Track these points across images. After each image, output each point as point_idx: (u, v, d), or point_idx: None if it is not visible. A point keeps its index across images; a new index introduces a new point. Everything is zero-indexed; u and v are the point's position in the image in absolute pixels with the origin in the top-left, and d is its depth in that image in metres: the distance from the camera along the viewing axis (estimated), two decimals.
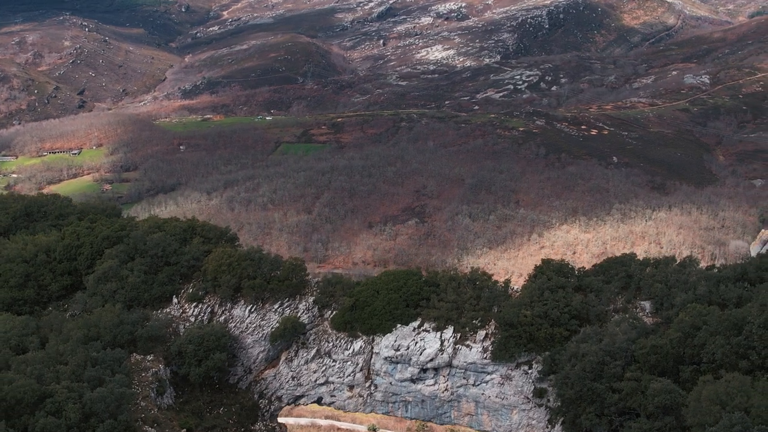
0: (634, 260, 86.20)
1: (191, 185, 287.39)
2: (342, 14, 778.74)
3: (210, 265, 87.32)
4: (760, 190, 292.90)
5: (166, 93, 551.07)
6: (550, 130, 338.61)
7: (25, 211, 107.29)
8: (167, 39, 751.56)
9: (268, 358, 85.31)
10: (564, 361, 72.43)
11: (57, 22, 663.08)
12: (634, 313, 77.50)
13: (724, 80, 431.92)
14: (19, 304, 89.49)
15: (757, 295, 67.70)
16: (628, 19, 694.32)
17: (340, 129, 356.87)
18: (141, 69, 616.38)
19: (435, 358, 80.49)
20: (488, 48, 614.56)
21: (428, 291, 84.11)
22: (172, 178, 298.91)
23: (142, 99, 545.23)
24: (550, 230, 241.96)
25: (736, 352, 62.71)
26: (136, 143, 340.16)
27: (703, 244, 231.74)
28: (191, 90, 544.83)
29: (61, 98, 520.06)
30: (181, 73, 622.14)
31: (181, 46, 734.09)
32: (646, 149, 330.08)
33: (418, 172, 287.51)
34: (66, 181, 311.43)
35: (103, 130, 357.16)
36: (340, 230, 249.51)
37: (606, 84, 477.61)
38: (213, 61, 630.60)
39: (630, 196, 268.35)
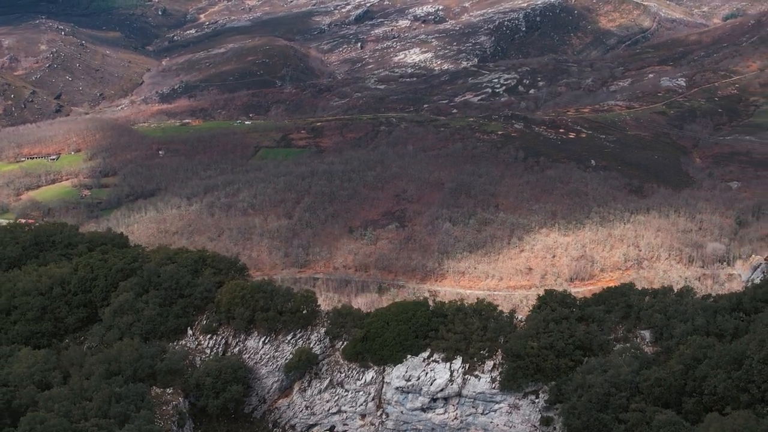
0: (633, 290, 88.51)
1: (171, 190, 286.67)
2: (319, 17, 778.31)
3: (223, 297, 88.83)
4: (736, 192, 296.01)
5: (144, 97, 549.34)
6: (528, 134, 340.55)
7: (35, 240, 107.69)
8: (144, 42, 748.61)
9: (281, 388, 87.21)
10: (570, 391, 74.65)
11: (33, 26, 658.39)
12: (636, 343, 79.80)
13: (700, 83, 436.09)
14: (37, 337, 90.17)
15: (754, 327, 70.12)
16: (604, 22, 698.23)
17: (320, 133, 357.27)
18: (118, 73, 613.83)
19: (445, 388, 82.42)
20: (466, 51, 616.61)
21: (436, 322, 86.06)
22: (152, 183, 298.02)
23: (120, 103, 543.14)
24: (529, 234, 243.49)
25: (737, 386, 64.99)
26: (115, 148, 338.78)
27: (681, 247, 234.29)
28: (169, 94, 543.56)
29: (38, 103, 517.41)
30: (159, 76, 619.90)
31: (158, 49, 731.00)
32: (624, 152, 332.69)
33: (398, 176, 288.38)
34: (45, 186, 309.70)
35: (82, 135, 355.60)
36: (320, 235, 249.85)
37: (583, 87, 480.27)
38: (190, 65, 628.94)
39: (608, 199, 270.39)
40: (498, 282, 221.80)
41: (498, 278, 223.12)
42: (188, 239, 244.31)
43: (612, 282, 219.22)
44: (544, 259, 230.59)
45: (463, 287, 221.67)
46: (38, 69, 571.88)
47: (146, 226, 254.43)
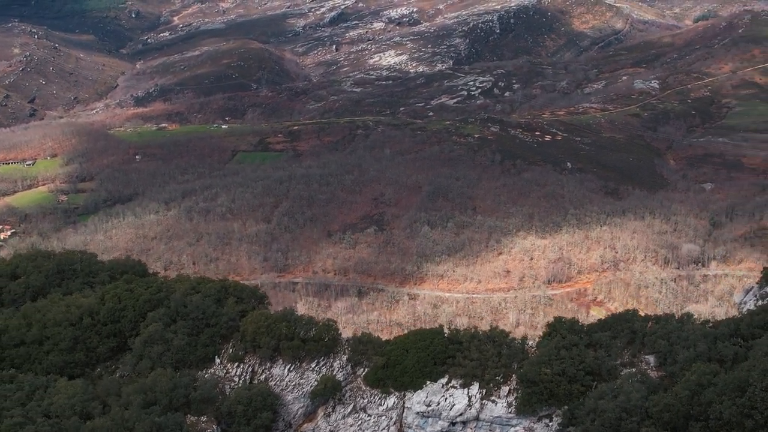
0: (636, 316, 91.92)
1: (149, 195, 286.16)
2: (294, 19, 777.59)
3: (249, 327, 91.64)
4: (710, 193, 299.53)
5: (119, 100, 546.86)
6: (504, 137, 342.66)
7: (57, 269, 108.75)
8: (117, 45, 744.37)
9: (306, 413, 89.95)
10: (583, 415, 77.88)
11: (5, 30, 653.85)
12: (641, 368, 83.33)
13: (673, 85, 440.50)
14: (71, 367, 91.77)
15: (753, 354, 74.29)
16: (577, 24, 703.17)
17: (297, 137, 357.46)
18: (92, 76, 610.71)
19: (464, 413, 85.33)
20: (440, 53, 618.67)
21: (453, 349, 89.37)
22: (129, 188, 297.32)
23: (94, 107, 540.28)
24: (507, 236, 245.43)
25: (741, 412, 68.33)
26: (92, 153, 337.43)
27: (657, 248, 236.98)
28: (144, 97, 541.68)
29: (12, 107, 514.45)
30: (133, 80, 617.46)
31: (132, 52, 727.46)
32: (599, 154, 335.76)
33: (376, 179, 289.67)
34: (21, 192, 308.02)
35: (58, 140, 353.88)
36: (299, 239, 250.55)
37: (558, 89, 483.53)
38: (165, 68, 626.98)
39: (585, 201, 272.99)
40: (477, 285, 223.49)
41: (477, 281, 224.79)
42: (167, 244, 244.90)
43: (589, 284, 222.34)
44: (522, 262, 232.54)
45: (442, 290, 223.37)
46: (11, 73, 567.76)
47: (125, 231, 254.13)
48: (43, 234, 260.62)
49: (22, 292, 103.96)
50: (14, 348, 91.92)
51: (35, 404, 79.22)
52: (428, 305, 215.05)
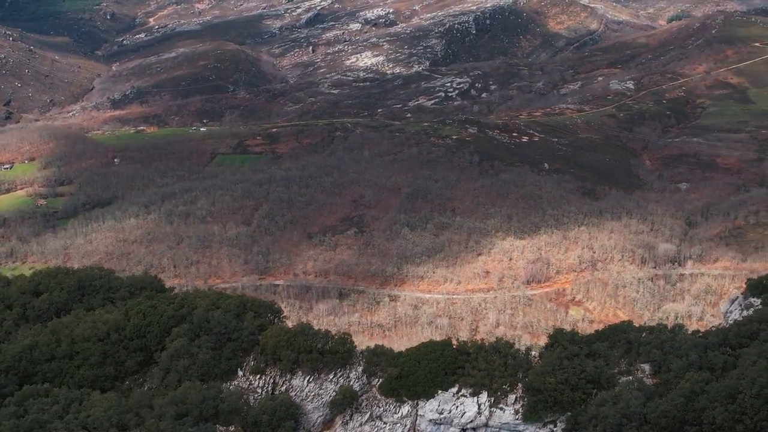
0: (632, 327, 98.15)
1: (128, 199, 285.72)
2: (270, 21, 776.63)
3: (269, 341, 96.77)
4: (685, 193, 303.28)
5: (95, 103, 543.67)
6: (482, 138, 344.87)
7: (78, 285, 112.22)
8: (93, 47, 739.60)
9: (324, 422, 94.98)
10: (586, 421, 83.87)
11: None
12: (637, 376, 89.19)
13: (648, 86, 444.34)
14: (101, 381, 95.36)
15: (741, 362, 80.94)
16: (552, 24, 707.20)
17: (276, 139, 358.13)
18: (68, 78, 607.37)
19: (474, 420, 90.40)
20: (417, 54, 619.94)
21: (462, 360, 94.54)
22: (108, 191, 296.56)
23: (71, 109, 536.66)
24: (486, 237, 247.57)
25: (732, 417, 74.62)
26: (70, 157, 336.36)
27: (634, 248, 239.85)
28: (120, 99, 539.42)
29: None
30: (109, 82, 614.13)
31: (107, 54, 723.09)
32: (576, 155, 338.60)
33: (355, 181, 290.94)
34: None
35: (35, 143, 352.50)
36: (279, 242, 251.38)
37: (534, 90, 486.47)
38: (141, 70, 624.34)
39: (562, 202, 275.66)
40: (457, 286, 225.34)
41: (456, 282, 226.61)
42: (147, 248, 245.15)
43: (567, 284, 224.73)
44: (501, 262, 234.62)
45: (422, 291, 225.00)
46: None
47: (105, 235, 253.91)
48: (22, 238, 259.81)
49: (46, 308, 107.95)
50: (45, 363, 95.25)
51: (72, 417, 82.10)
52: (409, 306, 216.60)
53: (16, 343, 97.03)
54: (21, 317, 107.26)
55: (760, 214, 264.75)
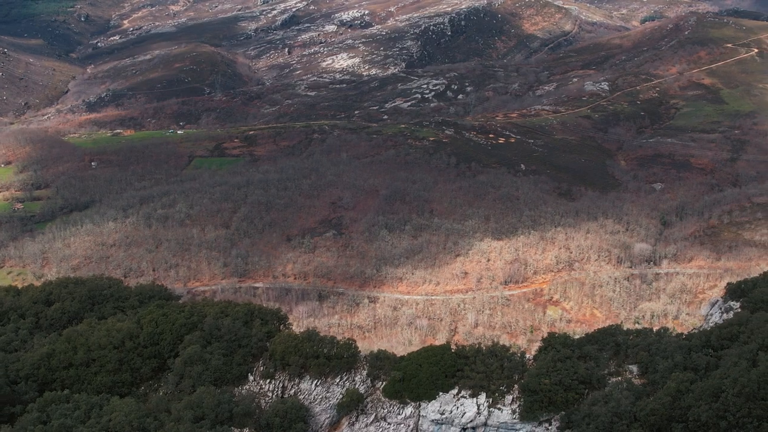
0: (620, 330, 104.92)
1: (106, 202, 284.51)
2: (245, 23, 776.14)
3: (278, 347, 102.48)
4: (660, 193, 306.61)
5: (70, 106, 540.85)
6: (459, 140, 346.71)
7: (89, 295, 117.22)
8: (67, 50, 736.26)
9: (331, 423, 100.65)
10: (579, 420, 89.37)
11: None
12: (626, 377, 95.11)
13: (623, 87, 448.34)
14: (119, 386, 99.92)
15: (723, 363, 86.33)
16: (527, 26, 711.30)
17: (253, 142, 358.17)
18: (43, 81, 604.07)
19: (474, 420, 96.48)
20: (393, 56, 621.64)
21: (461, 363, 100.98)
22: (86, 195, 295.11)
23: (46, 112, 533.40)
24: (464, 238, 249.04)
25: (716, 415, 79.73)
26: (47, 160, 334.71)
27: (610, 248, 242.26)
28: (96, 102, 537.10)
29: None
30: (84, 84, 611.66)
31: (82, 56, 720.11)
32: (552, 156, 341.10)
33: (333, 184, 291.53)
34: None
35: (11, 147, 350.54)
36: (258, 244, 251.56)
37: (510, 92, 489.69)
38: (116, 72, 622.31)
39: (539, 203, 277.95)
40: (435, 287, 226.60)
41: (435, 283, 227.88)
42: (126, 251, 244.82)
43: (545, 284, 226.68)
44: (479, 263, 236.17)
45: (401, 293, 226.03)
46: None
47: (83, 239, 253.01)
48: None
49: (59, 317, 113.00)
50: (63, 370, 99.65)
51: (94, 421, 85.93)
52: (388, 308, 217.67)
53: (34, 352, 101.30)
54: (35, 326, 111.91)
55: (733, 214, 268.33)
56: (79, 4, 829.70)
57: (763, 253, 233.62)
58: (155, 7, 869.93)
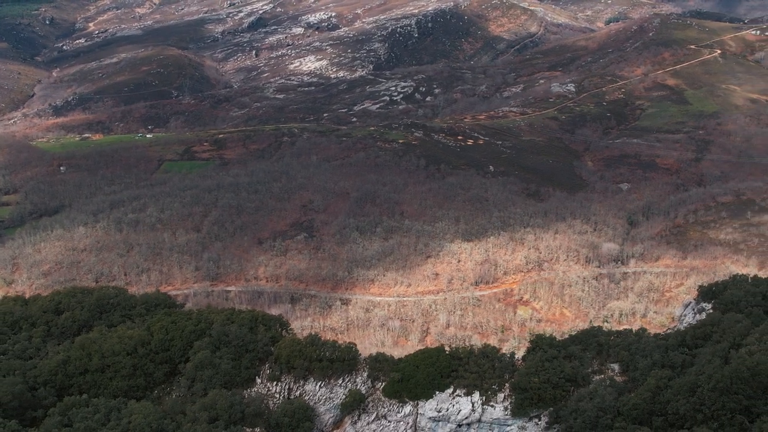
0: (601, 331, 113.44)
1: (76, 207, 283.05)
2: (212, 25, 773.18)
3: (283, 351, 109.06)
4: (626, 193, 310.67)
5: (37, 110, 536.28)
6: (428, 142, 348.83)
7: (97, 304, 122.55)
8: (32, 53, 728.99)
9: (335, 422, 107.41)
10: (567, 415, 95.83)
11: None
12: (609, 375, 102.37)
13: (589, 88, 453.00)
14: (134, 391, 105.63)
15: (699, 361, 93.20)
16: (493, 27, 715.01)
17: (223, 145, 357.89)
18: (8, 85, 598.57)
19: (469, 417, 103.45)
20: (361, 58, 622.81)
21: (455, 364, 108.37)
22: (55, 200, 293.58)
23: (12, 116, 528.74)
24: (434, 240, 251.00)
25: (693, 408, 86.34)
26: (15, 165, 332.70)
27: (578, 248, 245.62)
28: (63, 106, 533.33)
29: None
30: (50, 88, 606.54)
31: (47, 60, 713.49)
32: (520, 157, 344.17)
33: (304, 186, 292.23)
34: None
35: None
36: (230, 248, 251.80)
37: (478, 93, 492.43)
38: (83, 76, 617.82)
39: (508, 204, 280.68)
40: (407, 288, 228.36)
41: (407, 284, 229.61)
42: (97, 256, 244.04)
43: (515, 284, 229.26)
44: (450, 264, 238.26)
45: (373, 294, 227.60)
46: None
47: (53, 244, 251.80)
48: None
49: (70, 325, 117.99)
50: (80, 376, 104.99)
51: (115, 423, 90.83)
52: (360, 309, 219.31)
53: (50, 359, 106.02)
54: (47, 334, 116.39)
55: (698, 213, 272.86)
56: (43, 7, 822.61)
57: (729, 252, 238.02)
58: (121, 9, 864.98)
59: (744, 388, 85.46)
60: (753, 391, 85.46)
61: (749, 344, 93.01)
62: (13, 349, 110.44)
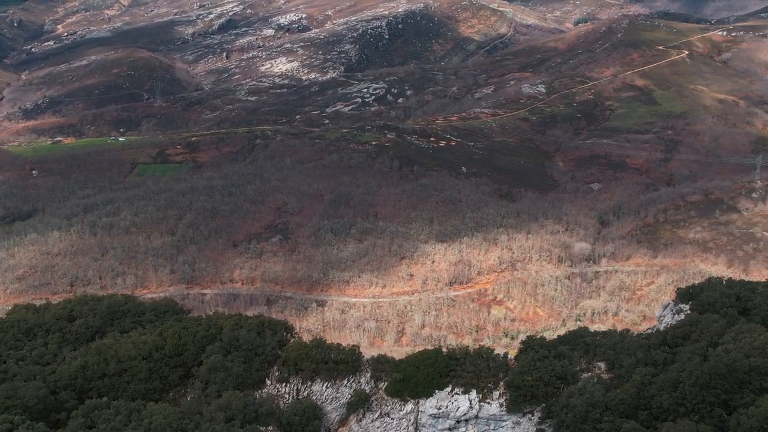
0: (588, 332, 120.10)
1: (49, 211, 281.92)
2: (182, 27, 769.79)
3: (291, 354, 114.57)
4: (597, 193, 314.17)
5: (7, 113, 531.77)
6: (401, 143, 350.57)
7: (108, 311, 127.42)
8: (0, 56, 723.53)
9: (341, 420, 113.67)
10: (558, 410, 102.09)
11: None
12: (596, 373, 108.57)
13: (559, 89, 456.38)
14: (151, 393, 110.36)
15: (680, 359, 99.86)
16: (463, 28, 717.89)
17: (196, 148, 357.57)
18: None
19: (467, 413, 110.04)
20: (332, 59, 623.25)
21: (453, 364, 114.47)
22: (28, 204, 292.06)
23: None
24: (408, 241, 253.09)
25: (676, 402, 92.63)
26: None
27: (550, 248, 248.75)
28: (33, 109, 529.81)
29: None
30: (19, 91, 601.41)
31: (15, 62, 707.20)
32: (492, 158, 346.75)
33: (278, 189, 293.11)
34: None
35: None
36: (205, 250, 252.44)
37: (449, 95, 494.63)
38: (52, 78, 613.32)
39: (481, 204, 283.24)
40: (382, 289, 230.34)
41: (382, 285, 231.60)
42: (72, 260, 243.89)
43: (489, 284, 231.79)
44: (424, 265, 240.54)
45: (349, 296, 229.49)
46: None
47: (27, 249, 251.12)
48: None
49: (84, 332, 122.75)
50: (98, 380, 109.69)
51: (136, 424, 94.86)
52: (336, 311, 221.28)
53: (69, 364, 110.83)
54: (62, 340, 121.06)
55: (668, 212, 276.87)
56: (11, 9, 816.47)
57: (698, 251, 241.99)
58: (89, 11, 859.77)
59: (722, 383, 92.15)
60: (730, 386, 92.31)
61: (725, 343, 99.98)
62: (31, 355, 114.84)
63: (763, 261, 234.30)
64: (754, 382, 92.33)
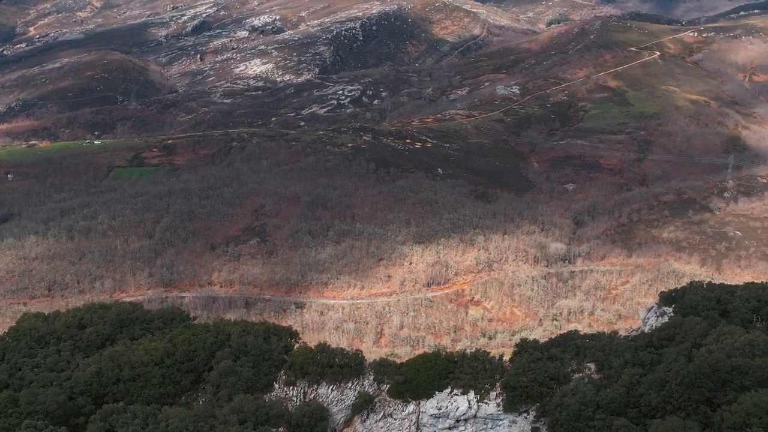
0: (578, 335, 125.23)
1: (26, 216, 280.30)
2: (155, 29, 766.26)
3: (297, 359, 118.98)
4: (572, 194, 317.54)
5: None
6: (377, 145, 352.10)
7: (118, 319, 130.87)
8: None
9: (346, 420, 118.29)
10: (552, 409, 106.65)
11: None
12: (586, 373, 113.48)
13: (533, 90, 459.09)
14: (164, 398, 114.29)
15: (666, 359, 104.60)
16: (437, 30, 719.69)
17: (172, 151, 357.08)
18: None
19: (466, 413, 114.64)
20: (306, 61, 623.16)
21: (452, 366, 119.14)
22: (3, 209, 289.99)
23: None
24: (386, 242, 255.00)
25: (663, 400, 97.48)
26: None
27: (527, 248, 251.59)
28: (6, 113, 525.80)
29: None
30: None
31: None
32: (468, 160, 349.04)
33: (255, 191, 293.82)
34: None
35: None
36: (183, 253, 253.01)
37: (424, 96, 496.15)
38: (25, 81, 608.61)
39: (457, 205, 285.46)
40: (360, 291, 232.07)
41: (360, 287, 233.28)
42: (49, 264, 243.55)
43: (466, 284, 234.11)
44: (402, 267, 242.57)
45: (327, 297, 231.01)
46: None
47: (4, 253, 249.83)
48: None
49: (94, 339, 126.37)
50: (113, 385, 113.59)
51: (153, 428, 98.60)
52: (315, 313, 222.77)
53: (84, 370, 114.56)
54: (74, 348, 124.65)
55: (642, 212, 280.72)
56: None
57: (672, 250, 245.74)
58: (62, 13, 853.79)
59: (706, 382, 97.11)
60: (714, 385, 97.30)
61: (708, 344, 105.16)
62: (45, 362, 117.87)
63: (735, 260, 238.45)
64: (736, 381, 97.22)
